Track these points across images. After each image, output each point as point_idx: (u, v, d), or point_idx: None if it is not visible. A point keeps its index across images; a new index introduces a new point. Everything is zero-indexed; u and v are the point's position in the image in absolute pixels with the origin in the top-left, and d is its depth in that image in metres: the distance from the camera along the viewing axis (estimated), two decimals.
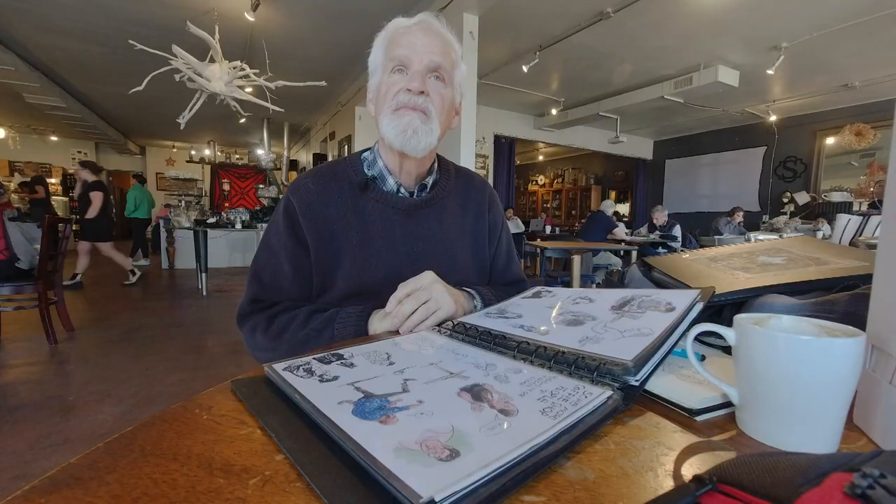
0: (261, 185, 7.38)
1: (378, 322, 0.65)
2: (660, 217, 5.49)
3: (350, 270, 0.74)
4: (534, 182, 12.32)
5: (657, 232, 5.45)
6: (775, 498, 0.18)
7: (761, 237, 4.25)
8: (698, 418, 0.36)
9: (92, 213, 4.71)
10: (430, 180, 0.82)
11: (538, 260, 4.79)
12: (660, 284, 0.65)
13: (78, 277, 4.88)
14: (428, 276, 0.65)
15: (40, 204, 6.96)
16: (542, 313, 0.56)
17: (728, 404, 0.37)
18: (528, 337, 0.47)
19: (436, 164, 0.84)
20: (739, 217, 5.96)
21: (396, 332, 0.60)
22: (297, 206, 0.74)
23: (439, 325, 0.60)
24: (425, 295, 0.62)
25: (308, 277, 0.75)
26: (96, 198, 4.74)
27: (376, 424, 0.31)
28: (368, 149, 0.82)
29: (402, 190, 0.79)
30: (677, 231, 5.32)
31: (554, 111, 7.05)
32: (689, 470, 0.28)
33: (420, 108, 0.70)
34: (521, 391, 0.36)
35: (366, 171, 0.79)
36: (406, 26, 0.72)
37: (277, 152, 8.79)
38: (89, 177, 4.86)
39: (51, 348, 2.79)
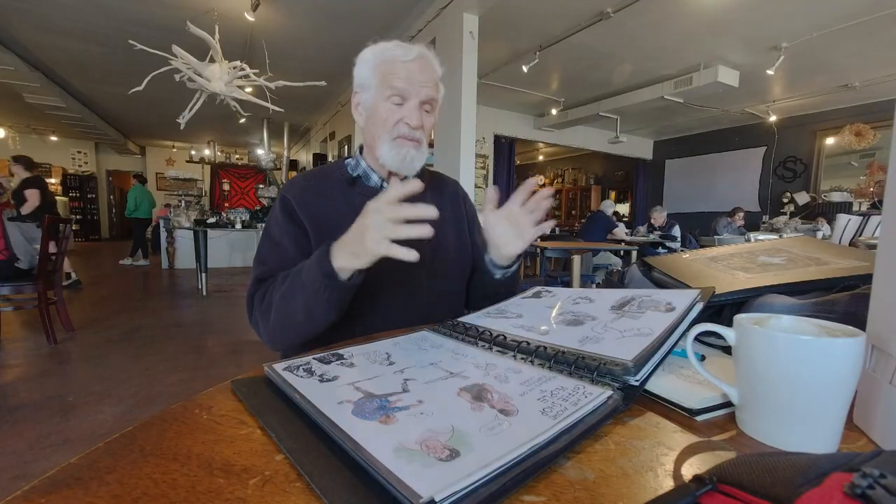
0: (261, 185, 7.38)
1: (346, 257, 0.65)
2: (658, 217, 5.48)
3: None
4: None
5: (656, 232, 5.44)
6: (775, 498, 0.18)
7: (761, 237, 4.25)
8: (698, 418, 0.36)
9: (27, 209, 4.23)
10: (409, 177, 0.90)
11: (538, 260, 4.78)
12: (660, 284, 0.65)
13: (74, 277, 4.82)
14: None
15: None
16: (542, 313, 0.56)
17: (728, 404, 0.37)
18: (528, 337, 0.47)
19: None
20: (740, 219, 5.87)
21: (391, 323, 0.60)
22: (292, 199, 0.81)
23: (438, 325, 0.59)
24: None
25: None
26: (32, 195, 4.27)
27: (376, 424, 0.31)
28: (350, 156, 0.92)
29: (385, 184, 0.88)
30: (676, 231, 5.32)
31: (554, 111, 7.04)
32: (689, 470, 0.28)
33: (416, 139, 0.81)
34: (521, 391, 0.36)
35: (350, 172, 0.88)
36: (403, 61, 0.78)
37: (277, 152, 8.78)
38: (23, 173, 4.38)
39: (51, 348, 2.79)
